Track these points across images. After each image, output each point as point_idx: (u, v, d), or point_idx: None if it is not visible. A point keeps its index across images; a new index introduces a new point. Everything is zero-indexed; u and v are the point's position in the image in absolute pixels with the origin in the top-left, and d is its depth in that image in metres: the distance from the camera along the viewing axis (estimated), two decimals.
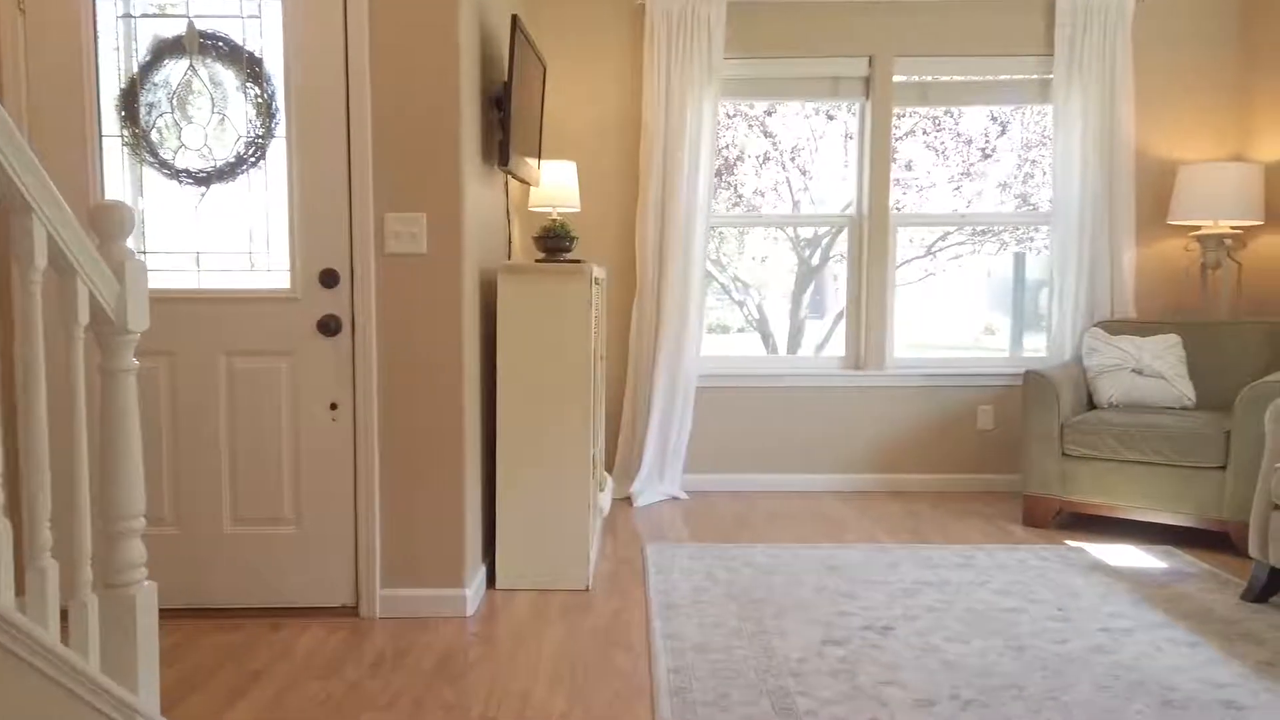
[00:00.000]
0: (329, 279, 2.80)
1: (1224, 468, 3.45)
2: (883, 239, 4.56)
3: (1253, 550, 2.94)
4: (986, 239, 5.01)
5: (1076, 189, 4.36)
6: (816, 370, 4.61)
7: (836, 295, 5.18)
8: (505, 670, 2.47)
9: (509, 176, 3.61)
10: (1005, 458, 4.57)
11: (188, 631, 2.74)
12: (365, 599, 2.86)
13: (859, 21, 4.44)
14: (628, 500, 4.32)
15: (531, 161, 3.69)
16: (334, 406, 2.84)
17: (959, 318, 5.35)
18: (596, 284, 3.29)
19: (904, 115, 4.72)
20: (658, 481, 4.42)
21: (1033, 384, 3.85)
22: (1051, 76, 4.41)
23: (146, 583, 1.80)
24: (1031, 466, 3.85)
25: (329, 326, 2.80)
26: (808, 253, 5.42)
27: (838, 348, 4.77)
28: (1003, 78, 4.52)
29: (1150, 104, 4.45)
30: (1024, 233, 4.92)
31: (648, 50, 4.32)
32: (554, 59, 4.45)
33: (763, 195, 4.92)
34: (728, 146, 4.79)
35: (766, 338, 5.32)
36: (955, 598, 2.99)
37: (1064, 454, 3.77)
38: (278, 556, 2.87)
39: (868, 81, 4.51)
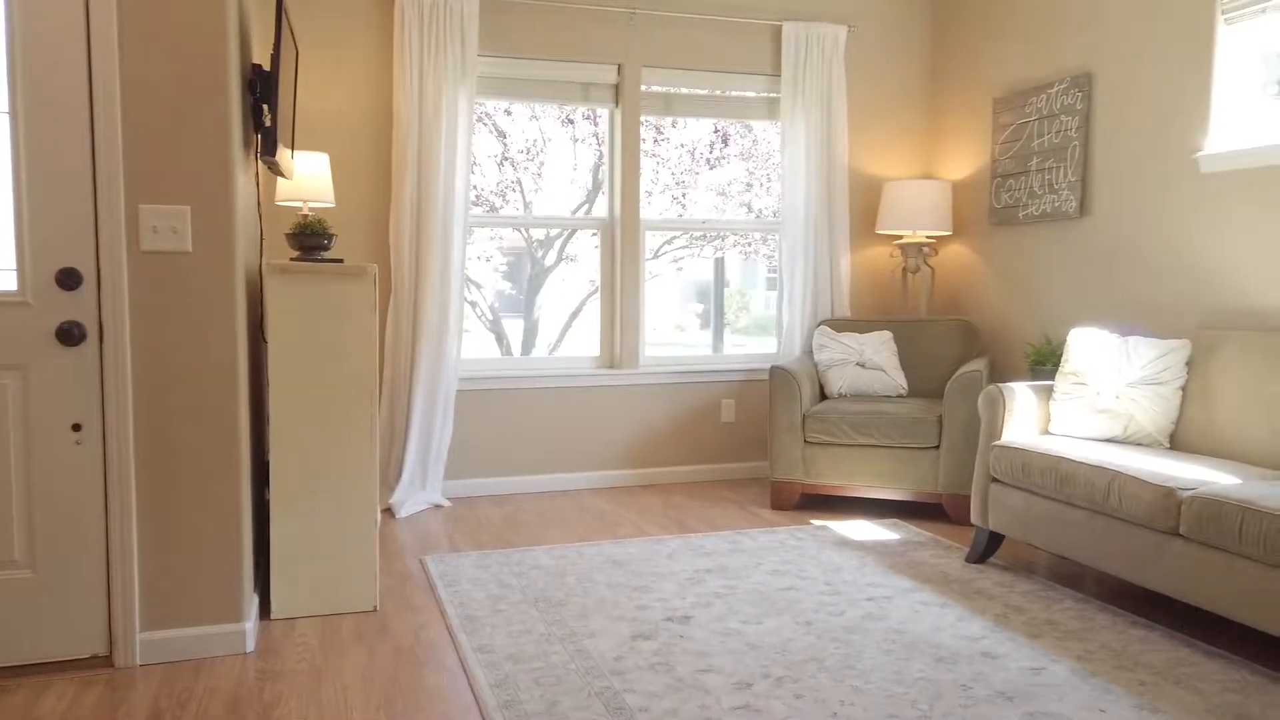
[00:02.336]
0: (69, 280, 2.41)
1: (938, 447, 3.97)
2: (634, 242, 4.72)
3: (974, 518, 3.42)
4: (706, 243, 5.33)
5: (802, 200, 4.79)
6: (573, 370, 4.67)
7: (567, 297, 5.27)
8: (312, 708, 2.27)
9: (257, 169, 3.31)
10: (746, 447, 4.92)
11: None
12: (121, 646, 2.50)
13: (608, 30, 4.55)
14: (389, 511, 4.13)
15: (285, 152, 3.40)
16: (77, 428, 2.44)
17: (675, 317, 5.68)
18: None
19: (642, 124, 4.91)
20: (419, 490, 4.26)
21: (778, 378, 4.18)
22: (779, 96, 4.81)
23: None
24: (778, 454, 4.18)
25: (70, 335, 2.40)
26: (540, 253, 5.48)
27: (572, 348, 4.85)
28: (738, 94, 4.84)
29: (860, 126, 5.00)
30: (747, 238, 5.30)
31: (398, 41, 4.14)
32: (304, 44, 4.13)
33: (502, 195, 4.90)
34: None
35: (500, 339, 5.31)
36: (737, 582, 3.18)
37: (806, 441, 4.14)
38: (4, 606, 2.42)
39: (617, 89, 4.65)
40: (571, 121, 5.02)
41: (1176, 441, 3.24)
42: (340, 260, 3.11)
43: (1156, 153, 3.74)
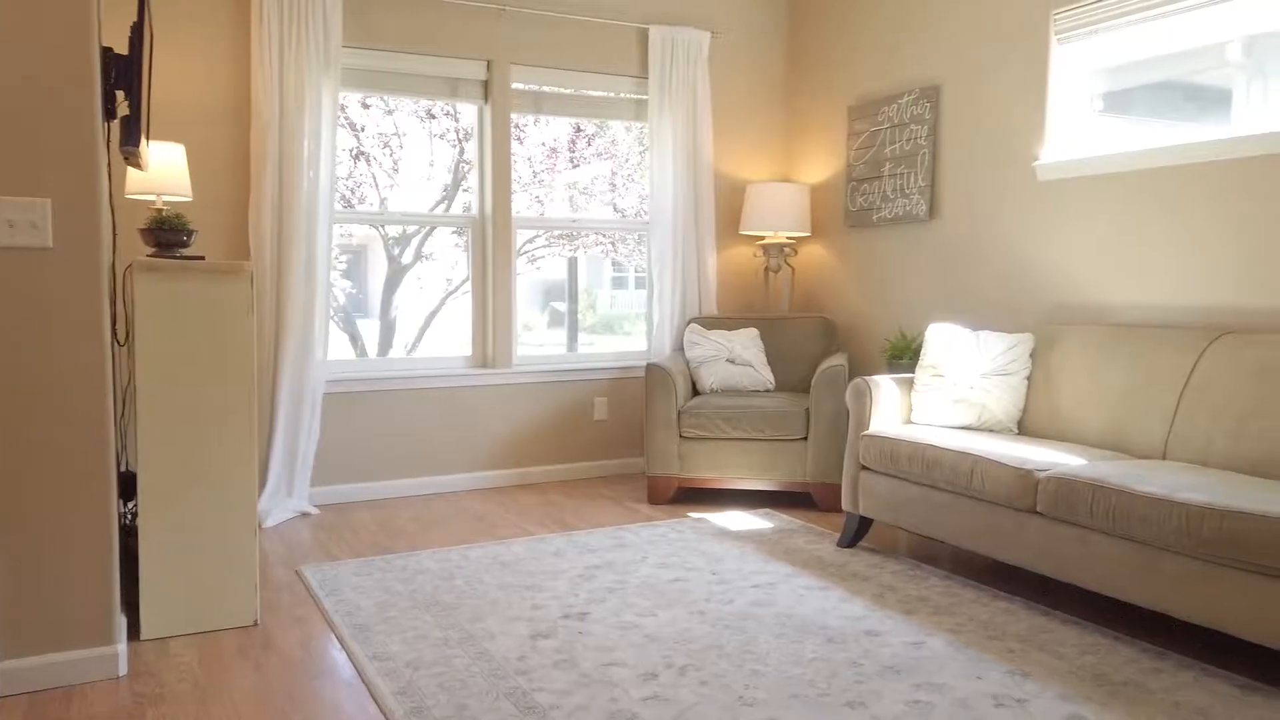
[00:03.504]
0: None
1: (806, 439, 4.15)
2: (506, 240, 4.68)
3: (845, 504, 3.60)
4: (568, 243, 5.33)
5: (670, 201, 4.89)
6: (445, 370, 4.59)
7: (422, 295, 5.16)
8: None
9: (109, 160, 3.08)
10: (619, 444, 4.98)
11: None
12: None
13: (478, 25, 4.50)
14: None
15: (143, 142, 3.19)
16: None
17: (523, 316, 5.68)
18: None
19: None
20: (286, 497, 4.08)
21: (655, 376, 4.25)
22: (647, 98, 4.89)
23: None
24: (655, 449, 4.26)
25: None
26: (397, 251, 5.35)
27: (431, 348, 4.77)
28: (607, 94, 4.89)
29: (725, 129, 5.15)
30: (609, 237, 5.34)
31: (256, 28, 3.94)
32: (155, 24, 3.85)
33: (354, 191, 4.75)
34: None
35: (354, 339, 5.14)
36: (626, 576, 3.22)
37: (682, 436, 4.23)
38: None
39: (487, 85, 4.60)
40: (433, 116, 4.93)
41: (1024, 427, 3.52)
42: (202, 257, 2.95)
43: (999, 161, 4.05)
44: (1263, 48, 3.28)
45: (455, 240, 5.03)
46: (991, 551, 3.00)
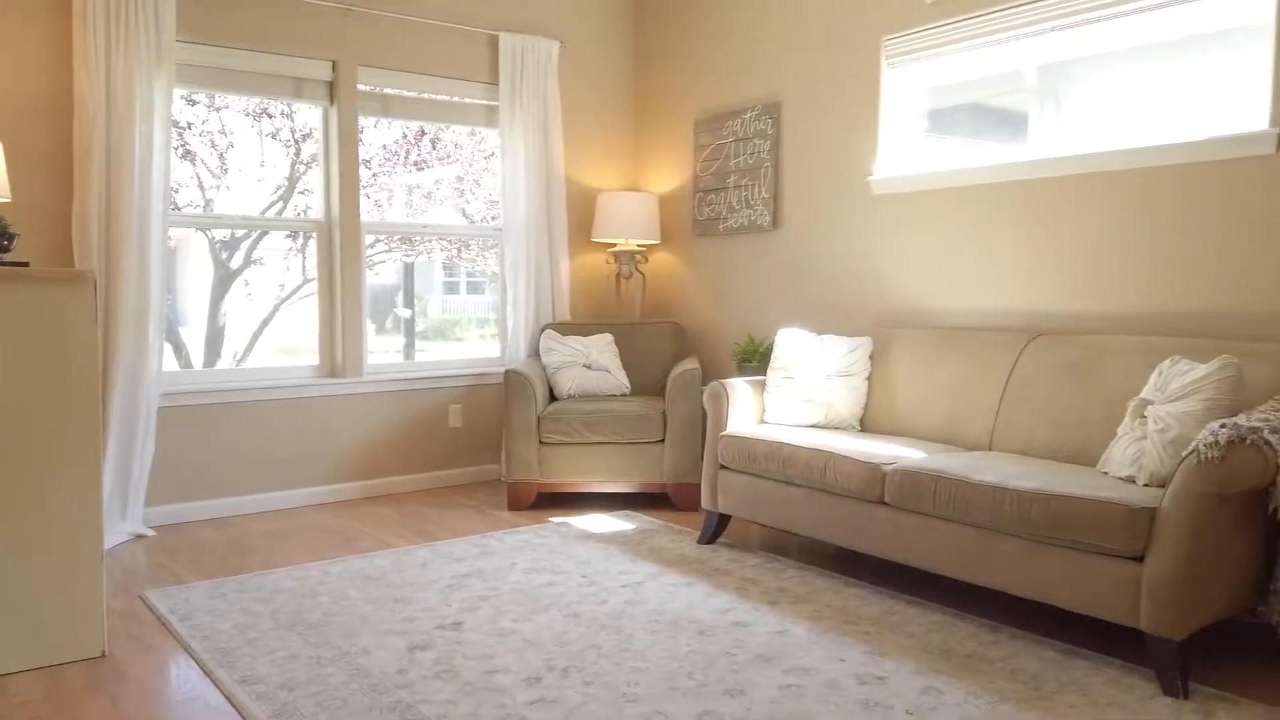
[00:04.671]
0: None
1: (663, 441, 4.27)
2: (355, 245, 4.56)
3: (705, 503, 3.74)
4: (412, 248, 5.23)
5: (523, 208, 4.90)
6: (292, 380, 4.42)
7: (252, 303, 4.95)
8: None
9: None
10: (475, 451, 4.94)
11: None
12: None
13: (323, 24, 4.37)
14: None
15: None
16: None
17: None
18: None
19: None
20: (120, 520, 3.82)
21: (513, 382, 4.26)
22: (499, 104, 4.89)
23: None
24: (514, 455, 4.27)
25: None
26: (225, 255, 5.11)
27: (263, 357, 4.59)
28: (458, 99, 4.85)
29: (576, 138, 5.21)
30: (454, 242, 5.26)
31: (80, 16, 3.68)
32: None
33: (181, 191, 4.50)
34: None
35: (179, 348, 4.86)
36: (497, 584, 3.23)
37: (541, 442, 4.26)
38: None
39: (332, 86, 4.47)
40: (270, 115, 4.73)
41: (865, 424, 3.78)
42: (26, 263, 2.74)
43: (836, 175, 4.31)
44: (1054, 75, 3.67)
45: (290, 245, 4.83)
46: (844, 541, 3.21)
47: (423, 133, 5.06)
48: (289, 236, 4.74)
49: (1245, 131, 2.99)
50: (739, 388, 3.77)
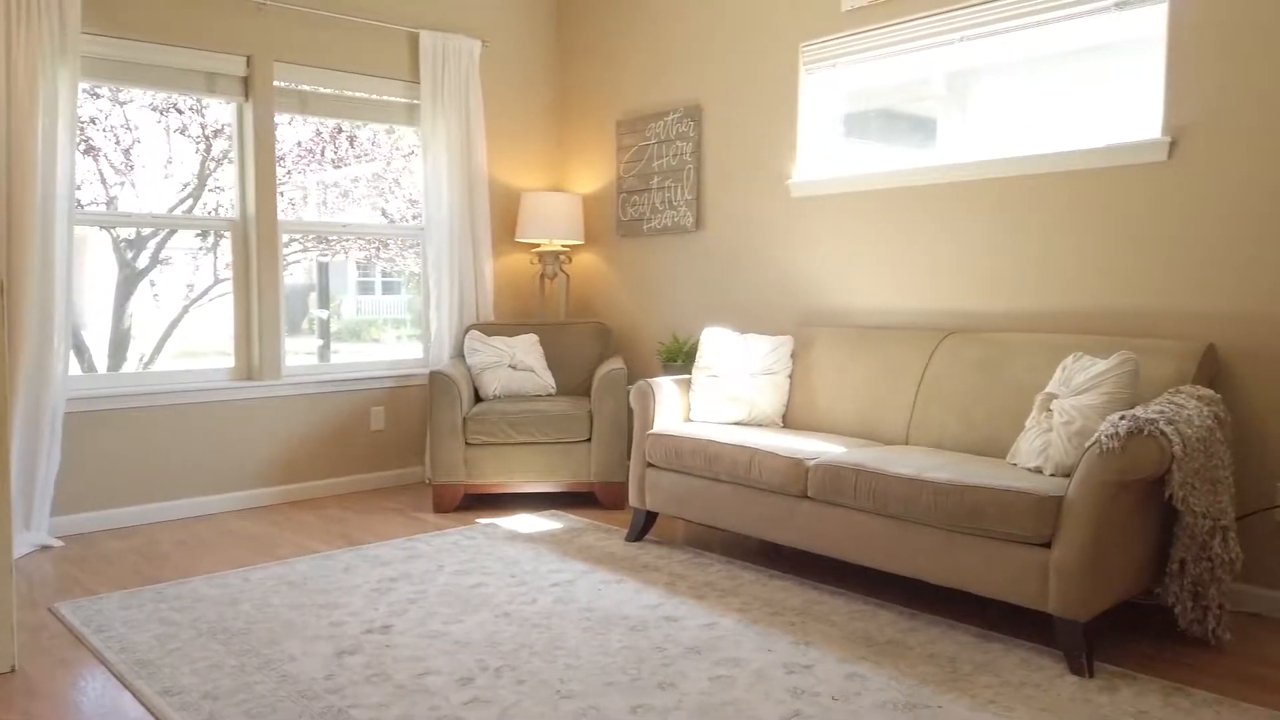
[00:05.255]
0: None
1: (589, 440, 4.30)
2: (272, 245, 4.46)
3: (633, 501, 3.78)
4: (328, 247, 5.13)
5: (445, 207, 4.87)
6: (205, 384, 4.30)
7: (158, 304, 4.79)
8: None
9: None
10: (398, 454, 4.89)
11: None
12: None
13: (236, 18, 4.26)
14: None
15: None
16: None
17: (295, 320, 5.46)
18: None
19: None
20: (23, 530, 3.66)
21: (438, 383, 4.23)
22: (420, 103, 4.84)
23: None
24: (440, 457, 4.24)
25: None
26: (130, 255, 4.95)
27: (174, 360, 4.46)
28: (378, 97, 4.79)
29: (499, 138, 5.20)
30: (373, 242, 5.18)
31: None
32: None
33: (82, 188, 4.33)
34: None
35: (81, 351, 4.68)
36: (425, 586, 3.21)
37: (467, 443, 4.24)
38: None
39: (247, 82, 4.36)
40: (179, 110, 4.59)
41: (788, 421, 3.87)
42: None
43: (756, 177, 4.40)
44: (961, 83, 3.82)
45: (200, 244, 4.69)
46: (769, 534, 3.29)
47: (339, 130, 4.97)
48: (199, 236, 4.60)
49: (1139, 140, 3.17)
50: (665, 386, 3.82)
